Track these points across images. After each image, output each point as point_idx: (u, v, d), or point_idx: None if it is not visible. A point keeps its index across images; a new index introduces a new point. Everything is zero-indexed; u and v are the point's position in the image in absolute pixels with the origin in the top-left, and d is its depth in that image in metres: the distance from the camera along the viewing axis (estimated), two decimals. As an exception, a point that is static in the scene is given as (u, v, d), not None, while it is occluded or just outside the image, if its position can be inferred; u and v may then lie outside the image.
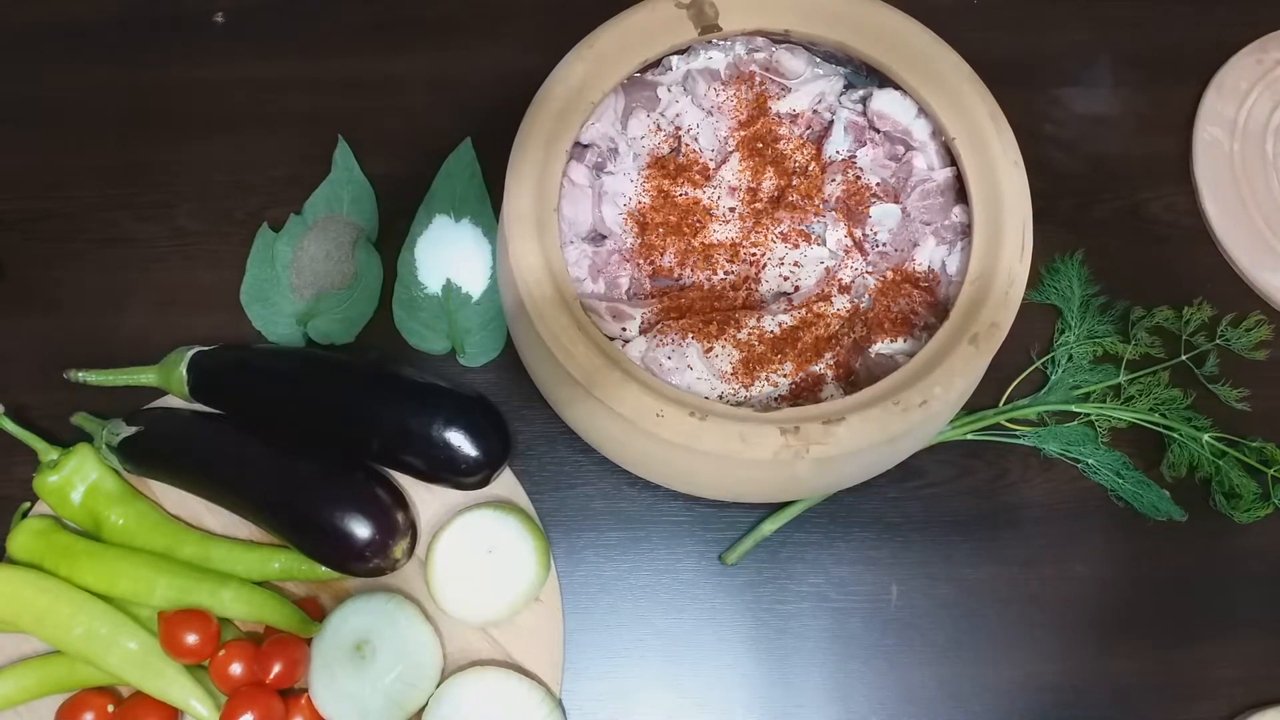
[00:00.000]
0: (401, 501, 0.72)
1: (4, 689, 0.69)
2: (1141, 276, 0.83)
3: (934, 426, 0.73)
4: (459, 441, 0.70)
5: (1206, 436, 0.77)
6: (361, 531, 0.68)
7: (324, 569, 0.71)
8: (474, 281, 0.79)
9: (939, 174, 0.74)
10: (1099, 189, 0.86)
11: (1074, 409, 0.79)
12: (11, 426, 0.73)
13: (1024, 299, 0.68)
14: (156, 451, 0.73)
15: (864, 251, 0.74)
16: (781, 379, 0.70)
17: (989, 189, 0.70)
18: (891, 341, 0.72)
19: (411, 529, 0.72)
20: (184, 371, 0.74)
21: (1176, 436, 0.78)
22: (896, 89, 0.74)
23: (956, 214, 0.73)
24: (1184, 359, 0.80)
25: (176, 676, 0.68)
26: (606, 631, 0.75)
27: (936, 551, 0.77)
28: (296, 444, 0.72)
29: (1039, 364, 0.81)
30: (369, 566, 0.70)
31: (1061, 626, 0.76)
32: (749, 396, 0.70)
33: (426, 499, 0.75)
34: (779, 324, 0.71)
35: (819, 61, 0.77)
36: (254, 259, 0.80)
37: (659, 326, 0.71)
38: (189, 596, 0.69)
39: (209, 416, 0.74)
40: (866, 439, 0.64)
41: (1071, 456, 0.78)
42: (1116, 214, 0.85)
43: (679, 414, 0.64)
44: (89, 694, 0.69)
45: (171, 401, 0.76)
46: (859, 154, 0.75)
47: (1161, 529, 0.78)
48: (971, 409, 0.78)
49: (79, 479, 0.72)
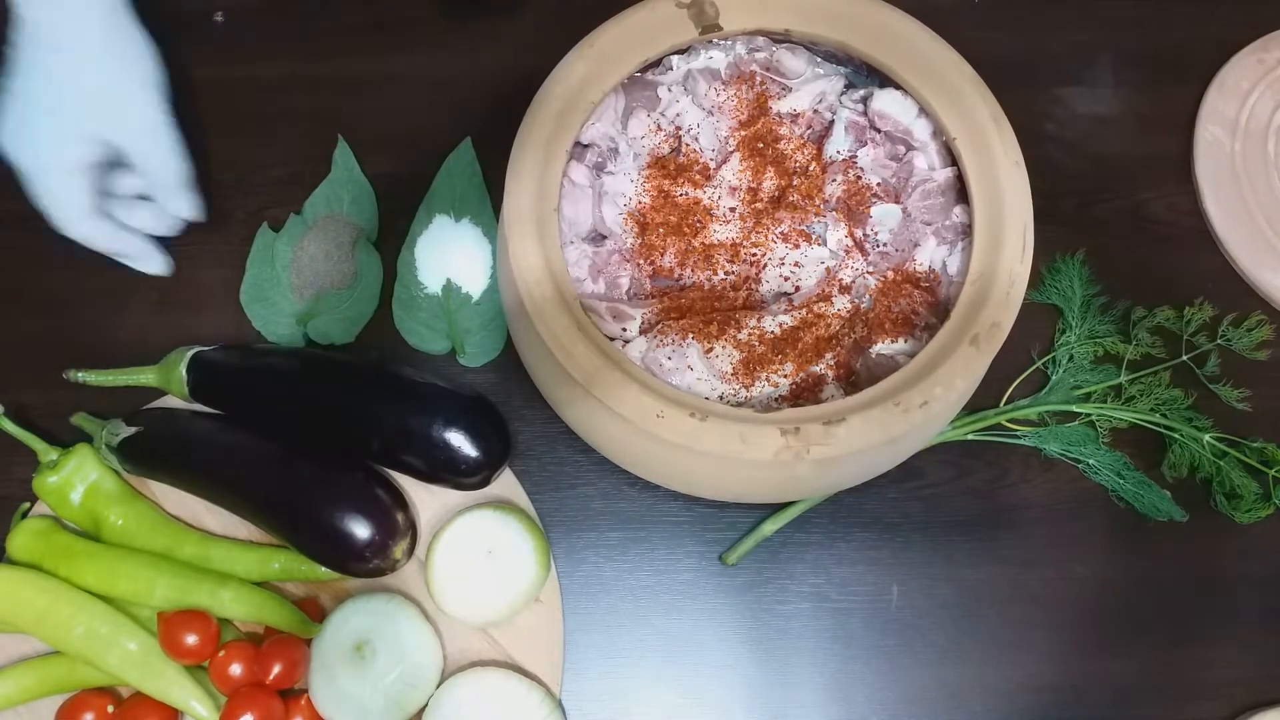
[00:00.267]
0: (401, 502, 0.72)
1: (4, 689, 0.69)
2: (1142, 276, 0.83)
3: (935, 427, 0.73)
4: (459, 442, 0.70)
5: (1207, 437, 0.77)
6: (361, 532, 0.68)
7: (324, 569, 0.71)
8: (474, 281, 0.79)
9: (940, 174, 0.73)
10: (1100, 189, 0.86)
11: (1075, 409, 0.79)
12: (11, 427, 0.73)
13: (1025, 299, 0.68)
14: (156, 452, 0.73)
15: (864, 251, 0.74)
16: (782, 379, 0.70)
17: (990, 189, 0.70)
18: (892, 342, 0.71)
19: (411, 529, 0.72)
20: (184, 371, 0.74)
21: (1177, 437, 0.77)
22: (897, 89, 0.74)
23: (957, 214, 0.73)
24: (1185, 359, 0.80)
25: (176, 677, 0.68)
26: (606, 631, 0.75)
27: (937, 552, 0.77)
28: (296, 444, 0.72)
29: (1040, 364, 0.80)
30: (369, 567, 0.70)
31: (1062, 626, 0.76)
32: (749, 397, 0.70)
33: (426, 499, 0.75)
34: (779, 324, 0.71)
35: (820, 61, 0.77)
36: (254, 259, 0.80)
37: (659, 327, 0.71)
38: (189, 597, 0.69)
39: (209, 416, 0.74)
40: (867, 440, 0.64)
41: (1072, 457, 0.78)
42: (1118, 214, 0.85)
43: (679, 414, 0.64)
44: (89, 694, 0.69)
45: (171, 401, 0.76)
46: (860, 154, 0.75)
47: (1162, 529, 0.77)
48: (972, 409, 0.78)
49: (79, 479, 0.72)
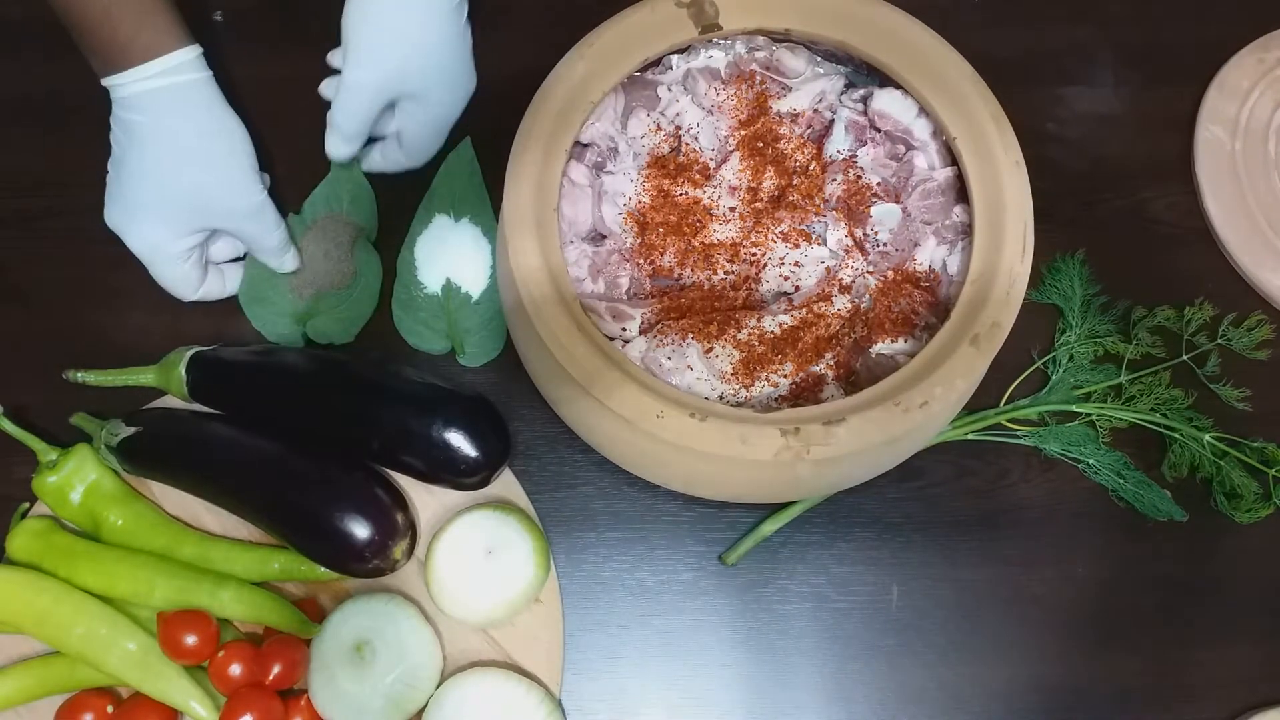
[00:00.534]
0: (401, 502, 0.72)
1: (4, 689, 0.69)
2: (1143, 276, 0.83)
3: (935, 427, 0.73)
4: (459, 442, 0.70)
5: (1207, 437, 0.77)
6: (361, 532, 0.68)
7: (323, 569, 0.71)
8: (474, 281, 0.79)
9: (940, 173, 0.73)
10: (1100, 188, 0.86)
11: (1075, 409, 0.78)
12: (11, 427, 0.73)
13: (1025, 299, 0.68)
14: (156, 452, 0.73)
15: (864, 251, 0.74)
16: (782, 379, 0.70)
17: (990, 188, 0.70)
18: (892, 342, 0.71)
19: (411, 529, 0.72)
20: (183, 371, 0.74)
21: (1177, 437, 0.77)
22: (897, 88, 0.74)
23: (957, 214, 0.73)
24: (1185, 359, 0.79)
25: (176, 677, 0.68)
26: (606, 631, 0.75)
27: (937, 552, 0.77)
28: (296, 444, 0.72)
29: (1040, 364, 0.80)
30: (368, 567, 0.69)
31: (1062, 626, 0.76)
32: (749, 397, 0.70)
33: (426, 499, 0.75)
34: (779, 324, 0.71)
35: (820, 60, 0.77)
36: (253, 258, 0.80)
37: (659, 327, 0.71)
38: (188, 597, 0.69)
39: (208, 416, 0.74)
40: (867, 440, 0.64)
41: (1072, 456, 0.78)
42: (1118, 213, 0.85)
43: (679, 414, 0.64)
44: (89, 695, 0.69)
45: (171, 401, 0.76)
46: (860, 153, 0.75)
47: (1162, 529, 0.77)
48: (972, 409, 0.78)
49: (78, 479, 0.72)
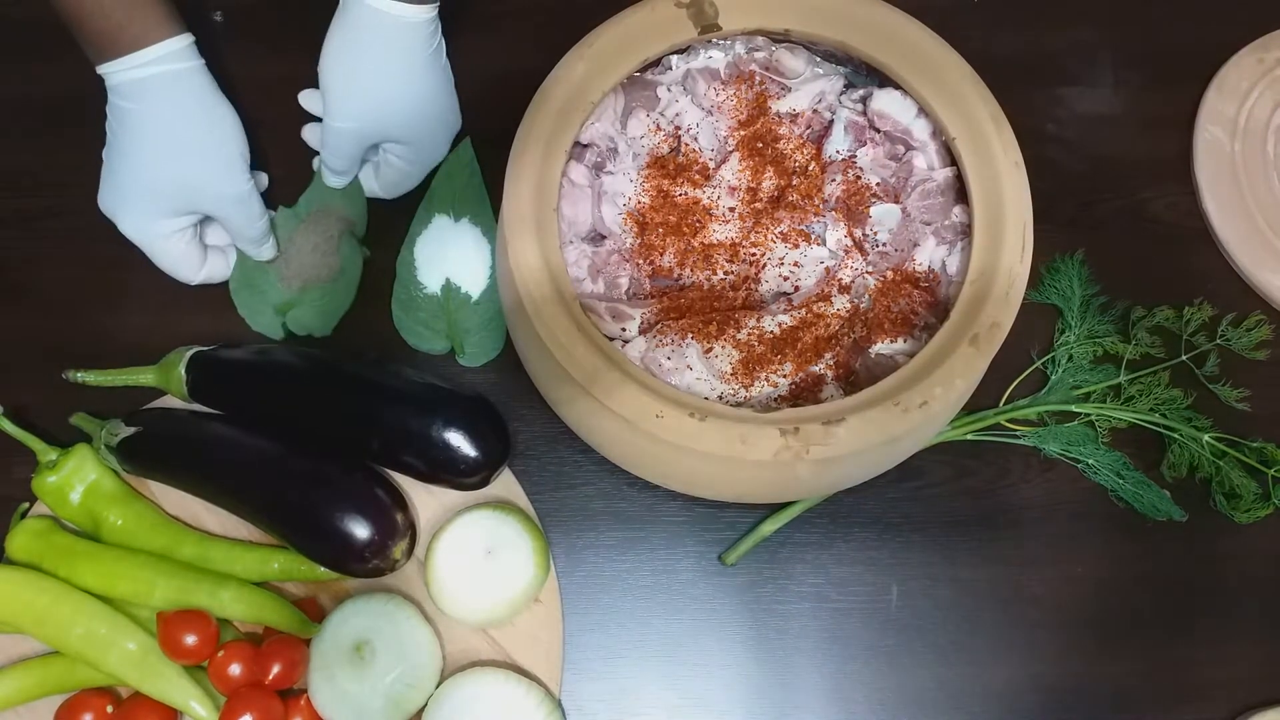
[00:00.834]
0: (401, 502, 0.72)
1: (4, 689, 0.69)
2: (1142, 276, 0.83)
3: (934, 427, 0.73)
4: (458, 442, 0.70)
5: (1207, 437, 0.77)
6: (361, 532, 0.68)
7: (323, 569, 0.71)
8: (473, 281, 0.79)
9: (939, 174, 0.73)
10: (1100, 188, 0.86)
11: (1074, 409, 0.79)
12: (10, 427, 0.73)
13: (1024, 299, 0.68)
14: (155, 452, 0.73)
15: (864, 251, 0.74)
16: (781, 379, 0.70)
17: (989, 189, 0.70)
18: (891, 342, 0.71)
19: (411, 529, 0.72)
20: (183, 371, 0.74)
21: (1177, 437, 0.77)
22: (897, 88, 0.74)
23: (957, 214, 0.73)
24: (1184, 359, 0.80)
25: (176, 677, 0.68)
26: (606, 631, 0.75)
27: (937, 552, 0.77)
28: (296, 444, 0.72)
29: (1039, 364, 0.80)
30: (368, 567, 0.69)
31: (1061, 627, 0.76)
32: (749, 397, 0.70)
33: (426, 499, 0.75)
34: (779, 324, 0.71)
35: (819, 61, 0.77)
36: (236, 265, 0.80)
37: (659, 327, 0.71)
38: (188, 597, 0.69)
39: (208, 416, 0.74)
40: (866, 440, 0.64)
41: (1072, 457, 0.78)
42: (1117, 214, 0.85)
43: (679, 414, 0.64)
44: (88, 694, 0.69)
45: (170, 401, 0.76)
46: (859, 154, 0.75)
47: (1161, 529, 0.77)
48: (972, 409, 0.78)
49: (78, 479, 0.72)
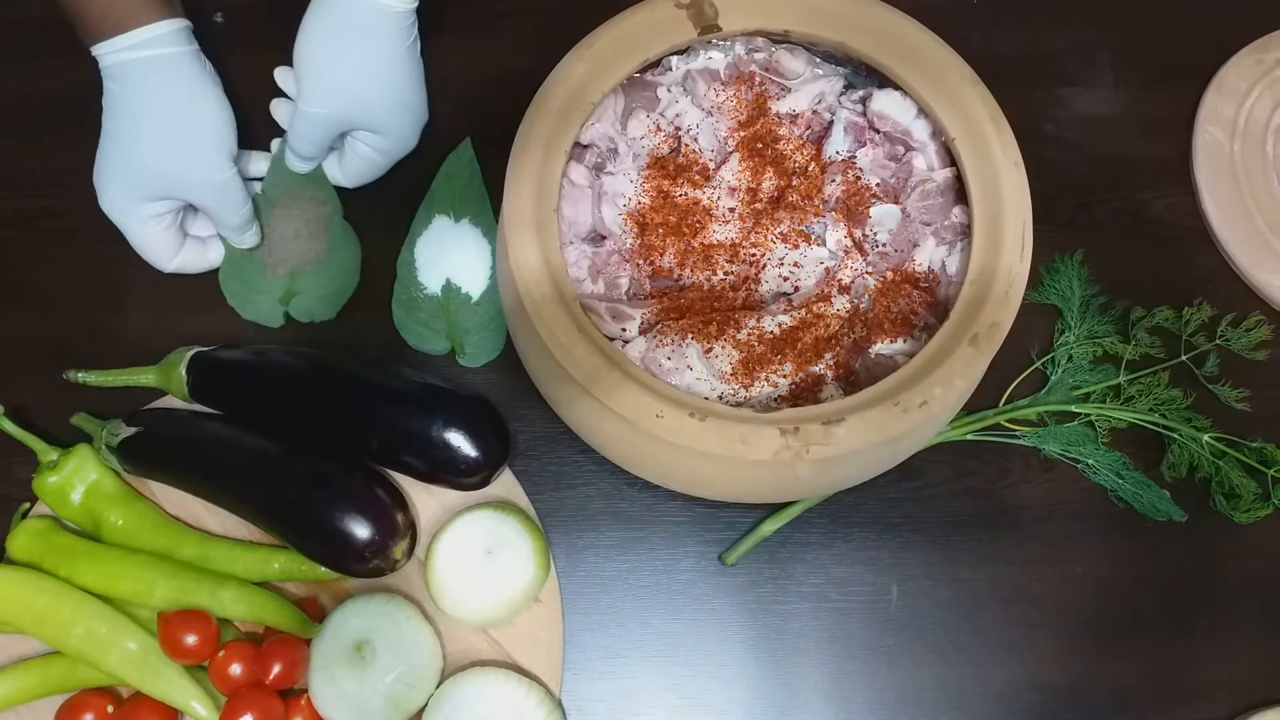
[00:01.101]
0: (401, 502, 0.72)
1: (4, 689, 0.69)
2: (1141, 276, 0.83)
3: (934, 427, 0.73)
4: (459, 442, 0.70)
5: (1206, 437, 0.77)
6: (361, 532, 0.68)
7: (324, 569, 0.71)
8: (474, 282, 0.79)
9: (939, 174, 0.74)
10: (1099, 189, 0.86)
11: (1074, 409, 0.79)
12: (11, 427, 0.73)
13: (1024, 299, 0.68)
14: (156, 452, 0.73)
15: (864, 252, 0.74)
16: (781, 379, 0.70)
17: (989, 189, 0.70)
18: (891, 342, 0.72)
19: (411, 529, 0.72)
20: (184, 372, 0.74)
21: (1176, 437, 0.78)
22: (896, 89, 0.74)
23: (956, 214, 0.73)
24: (1184, 359, 0.80)
25: (176, 677, 0.68)
26: (606, 631, 0.75)
27: (937, 552, 0.77)
28: (296, 444, 0.72)
29: (1039, 364, 0.81)
30: (369, 567, 0.70)
31: (1061, 627, 0.76)
32: (749, 397, 0.70)
33: (426, 499, 0.75)
34: (779, 324, 0.71)
35: (819, 62, 0.77)
36: (228, 248, 0.80)
37: (659, 327, 0.71)
38: (189, 597, 0.69)
39: (209, 417, 0.74)
40: (866, 440, 0.64)
41: (1071, 457, 0.78)
42: (1117, 214, 0.85)
43: (679, 414, 0.64)
44: (89, 694, 0.69)
45: (171, 402, 0.76)
46: (859, 154, 0.75)
47: (1161, 529, 0.78)
48: (971, 409, 0.78)
49: (79, 479, 0.72)
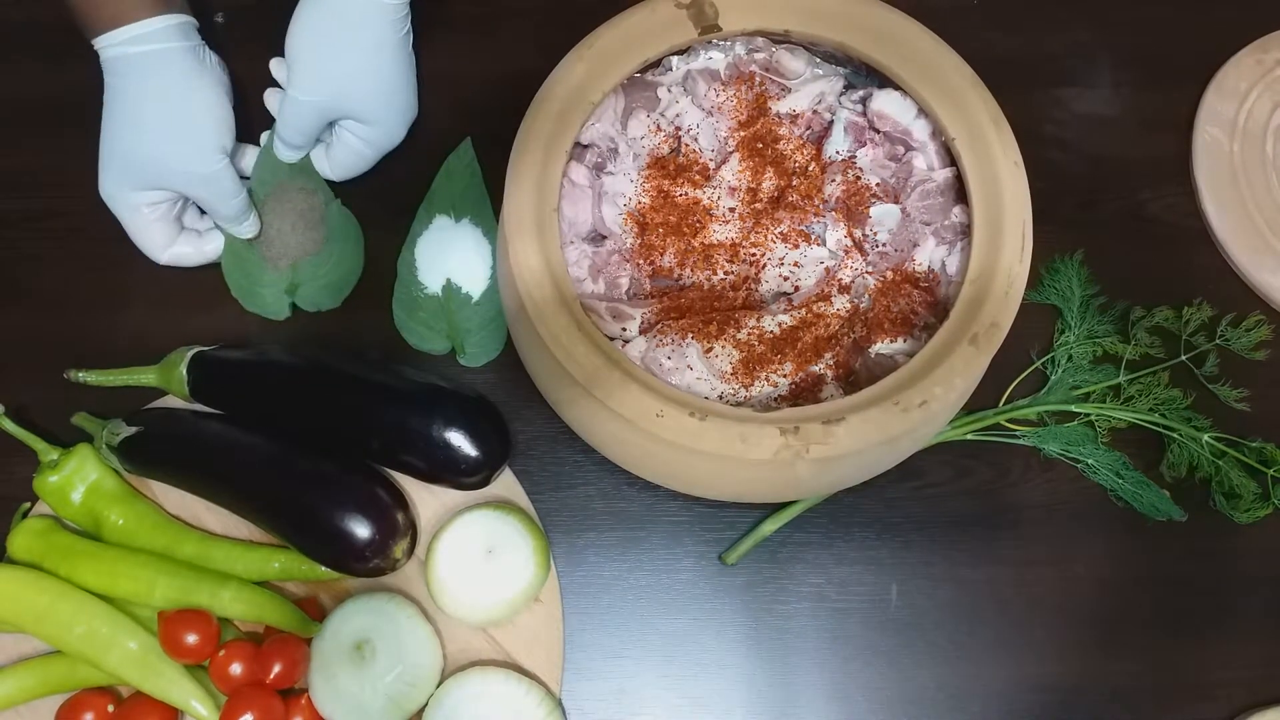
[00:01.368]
0: (401, 501, 0.72)
1: (4, 689, 0.69)
2: (1141, 277, 0.83)
3: (934, 427, 0.73)
4: (459, 442, 0.70)
5: (1206, 437, 0.77)
6: (361, 531, 0.68)
7: (324, 569, 0.71)
8: (474, 282, 0.79)
9: (939, 174, 0.74)
10: (1099, 189, 0.86)
11: (1074, 409, 0.79)
12: (11, 426, 0.73)
13: (1024, 299, 0.68)
14: (157, 451, 0.73)
15: (864, 251, 0.74)
16: (781, 379, 0.70)
17: (989, 189, 0.70)
18: (891, 341, 0.72)
19: (411, 529, 0.72)
20: (184, 371, 0.74)
21: (1176, 437, 0.78)
22: (896, 89, 0.74)
23: (956, 214, 0.73)
24: (1184, 359, 0.80)
25: (176, 676, 0.68)
26: (606, 631, 0.75)
27: (936, 551, 0.77)
28: (296, 444, 0.72)
29: (1039, 364, 0.81)
30: (369, 566, 0.70)
31: (1061, 627, 0.76)
32: (749, 397, 0.70)
33: (426, 499, 0.75)
34: (779, 324, 0.71)
35: (819, 62, 0.77)
36: (227, 246, 0.79)
37: (659, 327, 0.71)
38: (189, 596, 0.69)
39: (209, 416, 0.74)
40: (866, 439, 0.64)
41: (1071, 457, 0.78)
42: (1116, 214, 0.85)
43: (679, 414, 0.64)
44: (89, 694, 0.69)
45: (171, 401, 0.76)
46: (859, 154, 0.75)
47: (1161, 529, 0.78)
48: (971, 409, 0.78)
49: (79, 479, 0.72)
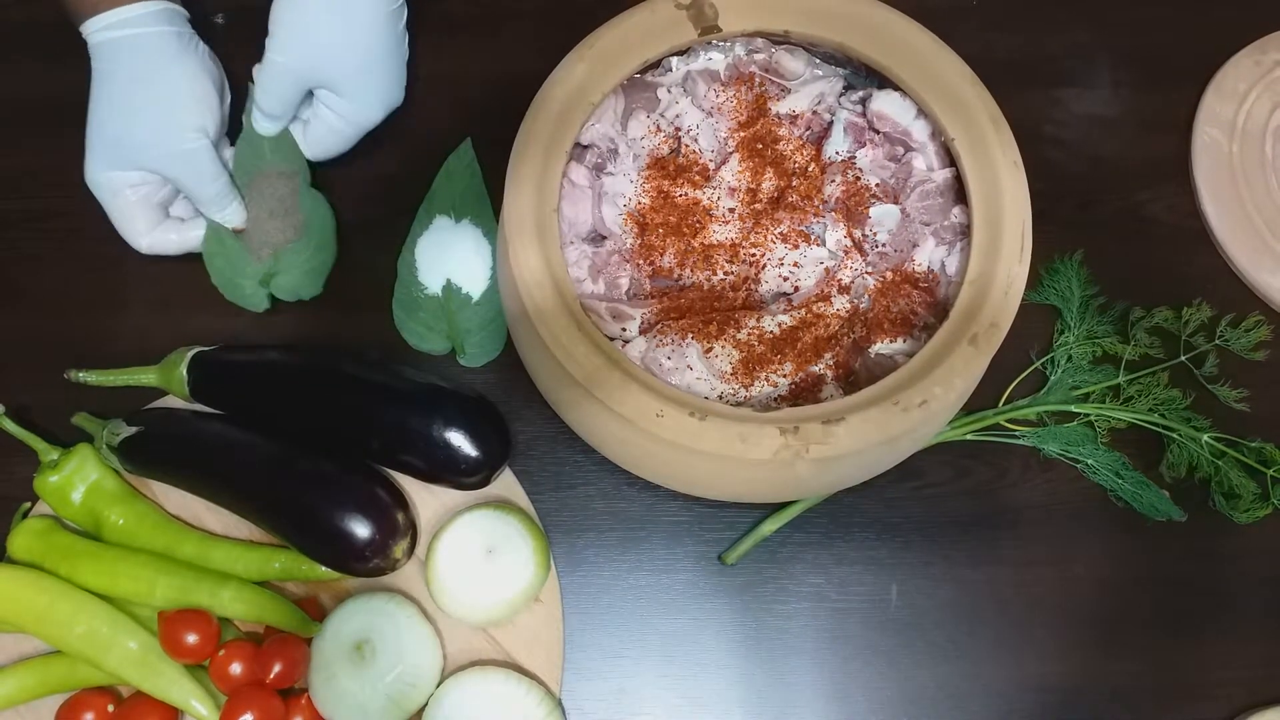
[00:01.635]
0: (401, 501, 0.72)
1: (4, 689, 0.69)
2: (1141, 277, 0.83)
3: (934, 427, 0.73)
4: (459, 442, 0.70)
5: (1206, 437, 0.77)
6: (361, 531, 0.68)
7: (324, 569, 0.71)
8: (474, 282, 0.79)
9: (938, 175, 0.74)
10: (1098, 190, 0.86)
11: (1073, 409, 0.79)
12: (12, 426, 0.73)
13: (1023, 299, 0.68)
14: (157, 452, 0.73)
15: (863, 252, 0.74)
16: (781, 379, 0.70)
17: (988, 190, 0.70)
18: (891, 342, 0.72)
19: (411, 529, 0.72)
20: (184, 371, 0.74)
21: (1176, 437, 0.78)
22: (896, 90, 0.74)
23: (956, 214, 0.73)
24: (1183, 359, 0.80)
25: (176, 676, 0.68)
26: (606, 631, 0.75)
27: (936, 552, 0.77)
28: (297, 444, 0.72)
29: (1038, 364, 0.81)
30: (369, 566, 0.70)
31: (1061, 626, 0.76)
32: (749, 396, 0.70)
33: (426, 499, 0.75)
34: (779, 324, 0.71)
35: (818, 62, 0.77)
36: (209, 235, 0.79)
37: (659, 327, 0.71)
38: (189, 596, 0.69)
39: (209, 416, 0.75)
40: (866, 439, 0.64)
41: (1071, 457, 0.78)
42: (1116, 215, 0.85)
43: (679, 414, 0.64)
44: (89, 694, 0.69)
45: (171, 401, 0.76)
46: (859, 155, 0.75)
47: (1161, 529, 0.78)
48: (971, 409, 0.78)
49: (79, 479, 0.72)
